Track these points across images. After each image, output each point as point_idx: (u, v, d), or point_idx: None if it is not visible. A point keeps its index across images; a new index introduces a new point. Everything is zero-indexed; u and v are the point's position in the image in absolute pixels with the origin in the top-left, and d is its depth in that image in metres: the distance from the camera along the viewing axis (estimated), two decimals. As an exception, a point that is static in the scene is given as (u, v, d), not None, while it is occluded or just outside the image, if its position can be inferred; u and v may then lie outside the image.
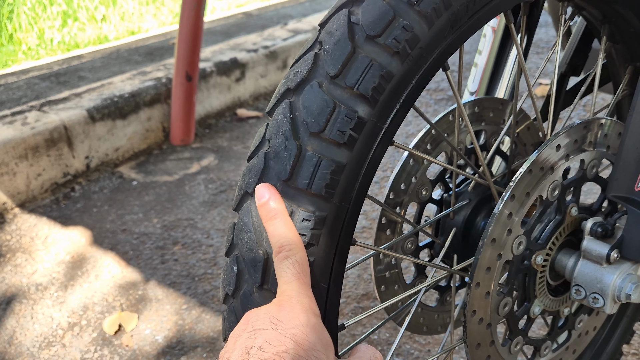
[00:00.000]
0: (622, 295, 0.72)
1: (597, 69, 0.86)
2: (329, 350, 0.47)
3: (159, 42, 2.75)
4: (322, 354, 0.45)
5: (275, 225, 0.52)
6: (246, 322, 0.48)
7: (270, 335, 0.45)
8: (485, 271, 0.69)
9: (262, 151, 0.57)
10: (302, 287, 0.51)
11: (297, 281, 0.51)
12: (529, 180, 0.69)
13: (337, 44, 0.55)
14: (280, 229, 0.52)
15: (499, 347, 0.75)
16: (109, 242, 1.69)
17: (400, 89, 0.56)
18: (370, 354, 0.53)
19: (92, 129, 2.01)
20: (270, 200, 0.53)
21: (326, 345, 0.47)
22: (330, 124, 0.53)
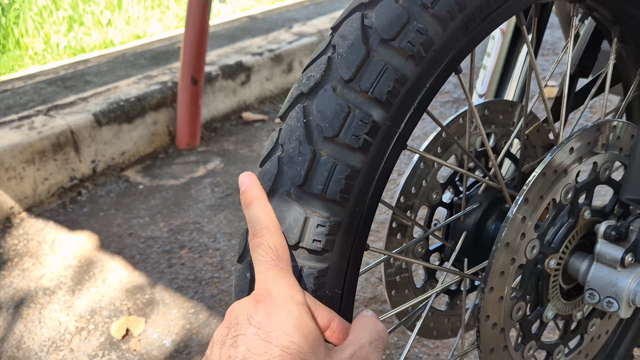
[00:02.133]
0: (637, 299, 0.71)
1: (608, 70, 0.85)
2: (317, 346, 0.43)
3: (164, 46, 2.75)
4: (310, 355, 0.41)
5: (250, 211, 0.50)
6: (227, 326, 0.45)
7: (252, 343, 0.42)
8: (499, 275, 0.68)
9: (276, 156, 0.56)
10: (279, 274, 0.47)
11: (273, 269, 0.48)
12: (542, 184, 0.68)
13: (351, 47, 0.55)
14: (254, 214, 0.50)
15: (512, 352, 0.74)
16: (115, 246, 1.69)
17: (415, 93, 0.56)
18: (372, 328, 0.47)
19: (98, 133, 2.01)
20: (249, 187, 0.52)
21: (312, 342, 0.42)
22: (344, 128, 0.53)
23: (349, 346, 0.42)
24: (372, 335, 0.45)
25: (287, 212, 0.55)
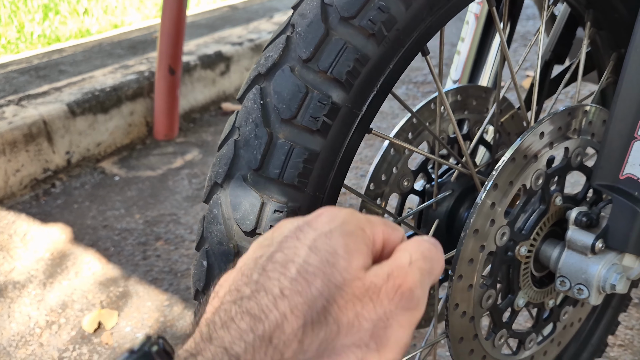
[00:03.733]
0: (607, 285, 0.70)
1: (581, 56, 0.84)
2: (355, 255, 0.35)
3: (142, 35, 2.70)
4: (340, 258, 0.34)
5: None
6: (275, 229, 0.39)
7: (287, 243, 0.36)
8: (468, 263, 0.67)
9: (232, 140, 0.54)
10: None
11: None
12: (512, 169, 0.67)
13: (310, 26, 0.53)
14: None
15: (482, 341, 0.73)
16: (89, 238, 1.66)
17: (377, 74, 0.54)
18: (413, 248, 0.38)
19: (72, 123, 1.96)
20: None
21: (351, 251, 0.35)
22: (302, 109, 0.51)
23: (385, 266, 0.36)
24: (413, 255, 0.37)
25: (243, 197, 0.53)
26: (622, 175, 0.70)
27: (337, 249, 0.35)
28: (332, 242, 0.35)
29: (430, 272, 0.38)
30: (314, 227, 0.36)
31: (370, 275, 0.35)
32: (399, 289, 0.35)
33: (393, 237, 0.39)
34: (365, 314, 0.34)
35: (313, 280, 0.34)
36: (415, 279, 0.36)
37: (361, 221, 0.38)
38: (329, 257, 0.34)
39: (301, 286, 0.33)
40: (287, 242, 0.36)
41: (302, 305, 0.33)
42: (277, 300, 0.33)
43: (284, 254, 0.35)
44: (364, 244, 0.36)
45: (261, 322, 0.32)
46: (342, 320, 0.33)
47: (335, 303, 0.33)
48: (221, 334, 0.32)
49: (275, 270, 0.34)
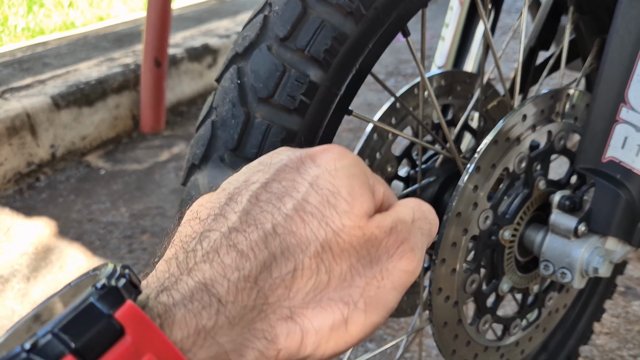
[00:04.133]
0: (589, 269, 0.70)
1: (565, 41, 0.84)
2: (358, 200, 0.31)
3: (128, 28, 2.67)
4: (342, 201, 0.30)
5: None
6: (271, 154, 0.35)
7: (286, 174, 0.32)
8: (451, 247, 0.66)
9: (210, 120, 0.53)
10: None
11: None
12: (494, 152, 0.66)
13: (287, 4, 0.52)
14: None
15: (466, 326, 0.73)
16: (74, 232, 1.64)
17: (356, 53, 0.53)
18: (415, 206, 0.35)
19: (57, 116, 1.94)
20: None
21: (355, 195, 0.31)
22: (280, 88, 0.50)
23: (388, 217, 0.32)
24: (415, 213, 0.34)
25: (220, 178, 0.51)
26: (605, 159, 0.69)
27: (341, 189, 0.31)
28: (336, 181, 0.31)
29: (429, 233, 0.35)
30: (318, 162, 0.32)
31: (372, 224, 0.31)
32: (400, 247, 0.32)
33: (391, 199, 0.36)
34: (360, 268, 0.31)
35: (310, 220, 0.30)
36: (416, 239, 0.33)
37: (367, 169, 0.34)
38: (330, 198, 0.31)
39: (296, 226, 0.30)
40: (286, 172, 0.32)
41: (294, 248, 0.29)
42: (268, 237, 0.29)
43: (282, 185, 0.31)
44: (369, 191, 0.32)
45: (248, 261, 0.28)
46: (334, 271, 0.30)
47: (330, 250, 0.30)
48: (202, 267, 0.28)
49: (270, 202, 0.30)
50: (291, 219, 0.30)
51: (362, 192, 0.32)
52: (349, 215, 0.30)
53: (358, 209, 0.31)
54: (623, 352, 1.20)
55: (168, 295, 0.27)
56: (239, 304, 0.28)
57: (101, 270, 0.28)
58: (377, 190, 0.34)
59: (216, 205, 0.31)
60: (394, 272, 0.31)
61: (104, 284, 0.25)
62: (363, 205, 0.31)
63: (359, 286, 0.30)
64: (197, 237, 0.30)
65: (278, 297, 0.29)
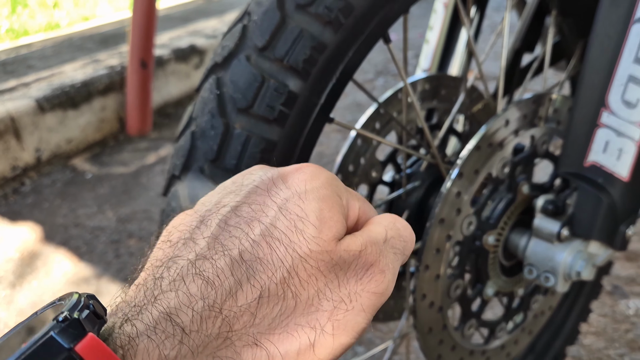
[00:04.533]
0: (572, 273, 0.70)
1: (548, 44, 0.84)
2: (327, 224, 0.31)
3: (114, 28, 2.65)
4: (310, 226, 0.30)
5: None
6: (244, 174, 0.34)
7: (257, 196, 0.32)
8: (435, 253, 0.66)
9: (189, 131, 0.53)
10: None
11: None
12: (477, 157, 0.66)
13: (266, 14, 0.51)
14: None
15: (451, 331, 0.73)
16: (60, 237, 1.62)
17: (335, 62, 0.53)
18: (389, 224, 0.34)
19: (41, 120, 1.92)
20: None
21: (324, 219, 0.31)
22: (259, 99, 0.50)
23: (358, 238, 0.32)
24: (388, 231, 0.33)
25: (200, 189, 0.51)
26: (587, 163, 0.70)
27: (309, 214, 0.31)
28: (305, 205, 0.31)
29: (402, 252, 0.34)
30: (289, 183, 0.32)
31: (340, 248, 0.31)
32: (369, 269, 0.31)
33: (368, 215, 0.35)
34: (327, 292, 0.30)
35: (277, 246, 0.30)
36: (387, 260, 0.32)
37: (340, 188, 0.34)
38: (298, 223, 0.30)
39: (263, 252, 0.30)
40: (257, 194, 0.32)
41: (260, 275, 0.29)
42: (235, 264, 0.29)
43: (251, 208, 0.31)
44: (340, 213, 0.32)
45: (214, 289, 0.28)
46: (301, 296, 0.30)
47: (297, 276, 0.30)
48: (168, 296, 0.28)
49: (239, 226, 0.30)
50: (258, 245, 0.30)
51: (331, 215, 0.31)
52: (316, 241, 0.30)
53: (326, 234, 0.31)
54: (610, 351, 1.21)
55: (132, 325, 0.27)
56: (203, 332, 0.27)
57: (66, 301, 0.27)
58: (351, 207, 0.34)
59: (187, 229, 0.31)
60: (363, 294, 0.31)
61: (66, 316, 0.25)
62: (331, 229, 0.31)
63: (327, 310, 0.30)
64: (165, 263, 0.30)
65: (244, 324, 0.29)
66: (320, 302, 0.30)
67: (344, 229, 0.32)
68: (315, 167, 0.34)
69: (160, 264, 0.30)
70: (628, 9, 0.66)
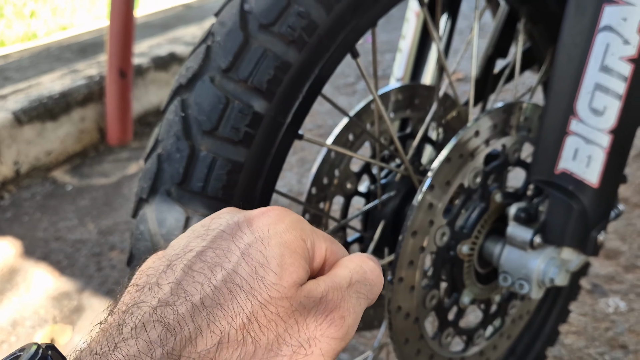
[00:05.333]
0: (546, 279, 0.71)
1: (518, 52, 0.85)
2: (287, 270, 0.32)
3: (93, 38, 2.63)
4: (271, 273, 0.31)
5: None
6: (213, 217, 0.35)
7: (222, 241, 0.32)
8: (408, 265, 0.67)
9: (155, 154, 0.52)
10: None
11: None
12: (448, 169, 0.67)
13: (229, 34, 0.51)
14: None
15: (428, 341, 0.73)
16: (41, 251, 1.60)
17: (301, 80, 0.53)
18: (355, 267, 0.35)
19: (19, 132, 1.89)
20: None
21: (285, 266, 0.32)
22: (223, 121, 0.50)
23: (320, 284, 0.32)
24: (353, 275, 0.34)
25: (167, 212, 0.51)
26: (557, 170, 0.70)
27: (270, 260, 0.32)
28: (266, 251, 0.32)
29: (367, 296, 0.35)
30: (253, 228, 0.33)
31: (301, 294, 0.31)
32: (329, 315, 0.32)
33: (337, 256, 0.36)
34: (287, 337, 0.31)
35: (238, 292, 0.30)
36: (349, 305, 0.33)
37: (305, 231, 0.34)
38: (259, 269, 0.31)
39: (223, 298, 0.30)
40: (222, 239, 0.33)
41: (220, 321, 0.30)
42: (196, 310, 0.29)
43: (215, 254, 0.32)
44: (302, 258, 0.33)
45: (173, 335, 0.29)
46: (260, 341, 0.30)
47: (257, 321, 0.30)
48: (128, 343, 0.28)
49: (202, 272, 0.31)
50: (219, 291, 0.30)
51: (292, 261, 0.32)
52: (276, 287, 0.31)
53: (286, 280, 0.31)
54: (590, 350, 1.23)
55: None
56: None
57: (24, 352, 0.27)
58: (317, 249, 0.35)
59: (154, 273, 0.32)
60: (322, 339, 0.31)
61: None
62: (292, 276, 0.32)
63: (286, 355, 0.31)
64: (130, 308, 0.30)
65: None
66: (280, 347, 0.30)
67: (306, 274, 0.33)
68: (281, 210, 0.35)
69: (126, 309, 0.30)
70: (593, 17, 0.67)
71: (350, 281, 0.34)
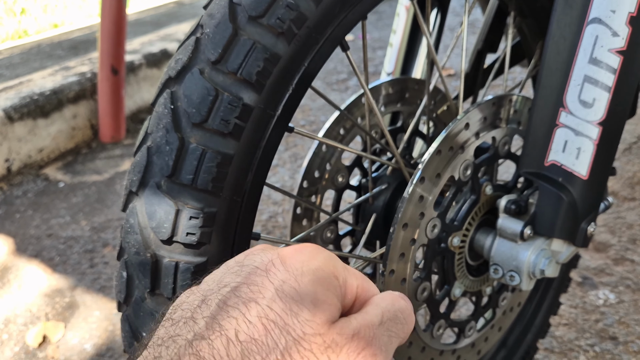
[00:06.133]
0: (536, 271, 0.72)
1: (507, 46, 0.85)
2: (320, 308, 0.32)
3: (84, 35, 2.61)
4: (304, 310, 0.32)
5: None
6: (247, 253, 0.36)
7: (256, 277, 0.33)
8: (399, 257, 0.67)
9: (145, 146, 0.52)
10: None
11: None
12: (438, 161, 0.67)
13: (218, 26, 0.51)
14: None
15: (420, 333, 0.74)
16: (33, 249, 1.60)
17: (291, 73, 0.53)
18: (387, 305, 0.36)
19: (10, 129, 1.88)
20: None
21: (318, 303, 0.32)
22: (213, 113, 0.50)
23: (353, 322, 0.33)
24: (385, 314, 0.35)
25: (157, 205, 0.51)
26: (547, 162, 0.71)
27: (304, 297, 0.32)
28: (300, 288, 0.33)
29: (398, 335, 0.35)
30: (287, 265, 0.34)
31: (334, 331, 0.32)
32: (362, 352, 0.32)
33: (368, 293, 0.37)
34: None
35: (272, 328, 0.31)
36: (381, 343, 0.33)
37: (337, 269, 0.35)
38: (293, 306, 0.32)
39: (258, 333, 0.31)
40: (256, 275, 0.34)
41: (255, 355, 0.30)
42: (230, 345, 0.30)
43: (250, 289, 0.33)
44: (334, 295, 0.34)
45: None
46: None
47: (290, 357, 0.31)
48: None
49: (236, 307, 0.32)
50: (254, 326, 0.31)
51: (325, 298, 0.33)
52: (310, 324, 0.32)
53: (320, 317, 0.32)
54: (581, 341, 1.24)
55: None
56: None
57: None
58: (349, 286, 0.35)
59: (189, 307, 0.33)
60: None
61: None
62: (325, 313, 0.32)
63: None
64: (165, 341, 0.31)
65: None
66: None
67: (338, 311, 0.34)
68: (314, 247, 0.35)
69: (161, 343, 0.31)
70: (582, 10, 0.68)
71: (382, 319, 0.34)
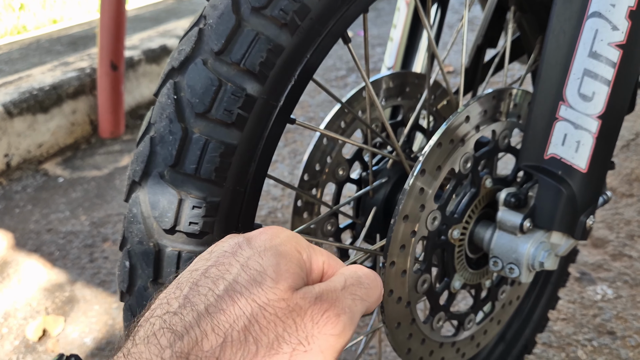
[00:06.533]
0: (535, 263, 0.72)
1: (507, 41, 0.86)
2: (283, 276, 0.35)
3: (83, 30, 2.61)
4: (267, 278, 0.34)
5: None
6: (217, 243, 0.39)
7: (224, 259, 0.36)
8: (400, 249, 0.67)
9: (148, 136, 0.53)
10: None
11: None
12: (439, 154, 0.68)
13: (221, 17, 0.51)
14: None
15: (420, 325, 0.74)
16: (32, 243, 1.60)
17: (293, 64, 0.53)
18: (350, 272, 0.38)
19: (9, 125, 1.88)
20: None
21: (280, 272, 0.35)
22: (216, 103, 0.50)
23: (315, 287, 0.36)
24: (347, 280, 0.37)
25: (160, 195, 0.51)
26: (547, 156, 0.71)
27: (267, 268, 0.35)
28: (263, 261, 0.35)
29: (364, 298, 0.37)
30: (252, 245, 0.37)
31: (297, 296, 0.35)
32: (325, 313, 0.34)
33: (334, 269, 0.39)
34: (286, 336, 0.33)
35: (238, 298, 0.34)
36: (345, 305, 0.36)
37: (300, 244, 0.38)
38: (257, 276, 0.35)
39: (226, 304, 0.33)
40: (224, 257, 0.36)
41: (223, 324, 0.33)
42: (201, 317, 0.33)
43: (218, 269, 0.36)
44: (297, 266, 0.36)
45: (181, 339, 0.32)
46: (262, 341, 0.33)
47: (257, 323, 0.33)
48: (140, 349, 0.32)
49: (206, 285, 0.35)
50: (222, 299, 0.34)
51: (287, 267, 0.36)
52: (274, 290, 0.34)
53: (282, 284, 0.35)
54: (579, 336, 1.24)
55: None
56: None
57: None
58: (314, 262, 0.38)
59: (165, 295, 0.36)
60: (320, 336, 0.34)
61: None
62: (287, 280, 0.35)
63: (286, 352, 0.33)
64: (142, 324, 0.34)
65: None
66: (280, 345, 0.33)
67: (302, 281, 0.36)
68: (277, 228, 0.38)
69: (138, 326, 0.34)
70: (582, 4, 0.68)
71: (345, 284, 0.37)
